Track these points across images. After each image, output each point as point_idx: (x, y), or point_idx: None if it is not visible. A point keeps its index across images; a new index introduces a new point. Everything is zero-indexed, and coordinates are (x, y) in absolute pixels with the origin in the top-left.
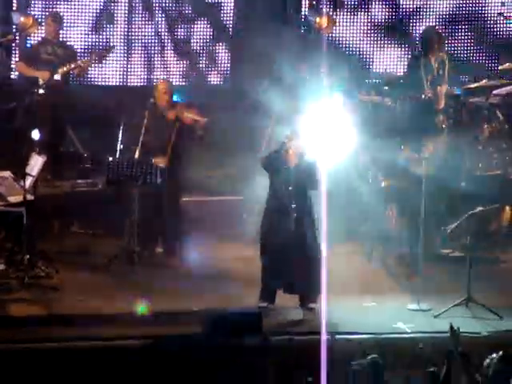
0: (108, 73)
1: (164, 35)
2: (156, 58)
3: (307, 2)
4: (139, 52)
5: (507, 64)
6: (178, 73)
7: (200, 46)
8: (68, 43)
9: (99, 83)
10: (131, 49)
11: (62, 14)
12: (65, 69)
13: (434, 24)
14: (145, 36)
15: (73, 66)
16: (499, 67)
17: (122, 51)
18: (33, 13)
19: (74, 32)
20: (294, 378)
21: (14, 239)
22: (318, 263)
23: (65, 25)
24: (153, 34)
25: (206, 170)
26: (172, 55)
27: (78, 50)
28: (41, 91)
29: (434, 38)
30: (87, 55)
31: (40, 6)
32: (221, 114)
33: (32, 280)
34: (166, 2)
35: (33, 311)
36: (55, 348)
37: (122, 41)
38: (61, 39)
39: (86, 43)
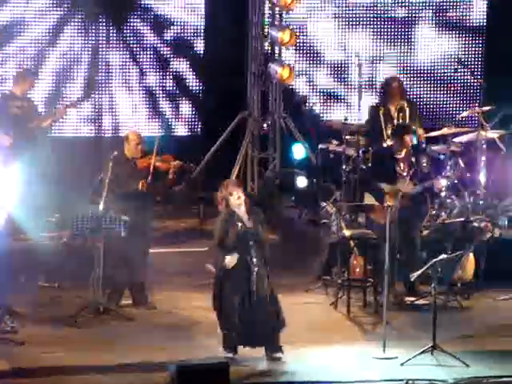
0: (72, 124)
1: (131, 84)
2: (123, 109)
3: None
4: (106, 103)
5: (467, 111)
6: (145, 123)
7: (167, 96)
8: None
9: (63, 135)
10: (99, 100)
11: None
12: (36, 123)
13: (394, 73)
14: (111, 86)
15: (50, 120)
16: (459, 115)
17: (90, 103)
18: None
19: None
20: None
21: None
22: (277, 313)
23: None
24: (121, 82)
25: (170, 220)
26: (140, 104)
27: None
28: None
29: (395, 87)
30: (53, 107)
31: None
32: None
33: None
34: (134, 50)
35: None
36: None
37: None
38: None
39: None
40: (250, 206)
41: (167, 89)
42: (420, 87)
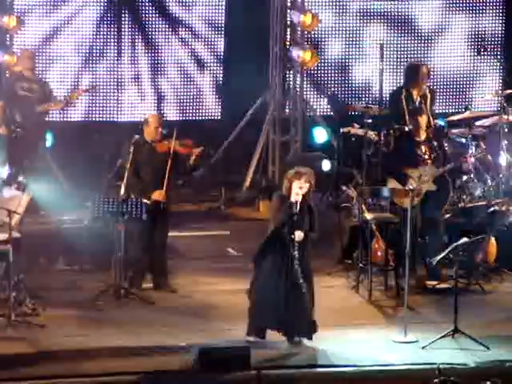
0: (95, 109)
1: (152, 68)
2: (144, 94)
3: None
4: (128, 88)
5: (488, 95)
6: (168, 108)
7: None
8: (43, 79)
9: (86, 119)
10: (121, 85)
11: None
12: (46, 106)
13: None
14: (134, 72)
15: (52, 104)
16: (481, 98)
17: (111, 88)
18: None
19: (63, 68)
20: None
21: (0, 277)
22: (305, 297)
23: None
24: (142, 66)
25: (191, 204)
26: (161, 90)
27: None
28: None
29: (424, 73)
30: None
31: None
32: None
33: (19, 317)
34: (154, 38)
35: (20, 349)
36: None
37: (110, 77)
38: (38, 76)
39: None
40: (307, 201)
41: (188, 72)
42: (441, 70)
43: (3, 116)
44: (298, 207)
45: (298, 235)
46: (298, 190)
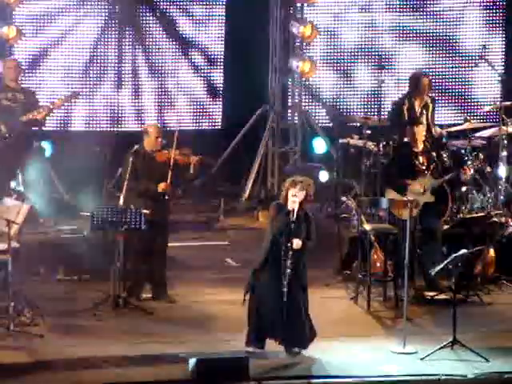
0: (96, 118)
1: (152, 78)
2: (142, 102)
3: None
4: (126, 97)
5: (489, 107)
6: (168, 117)
7: (189, 91)
8: (29, 88)
9: (87, 129)
10: (118, 94)
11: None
12: (30, 116)
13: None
14: (130, 80)
15: (36, 114)
16: (481, 110)
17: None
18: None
19: (60, 82)
20: None
21: None
22: (302, 308)
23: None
24: (142, 76)
25: (190, 214)
26: (162, 99)
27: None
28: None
29: (425, 83)
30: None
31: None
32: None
33: (18, 327)
34: (154, 49)
35: (19, 358)
36: None
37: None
38: (22, 85)
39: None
40: (304, 209)
41: (189, 83)
42: (441, 82)
43: None
44: (295, 215)
45: (296, 243)
46: (294, 197)
